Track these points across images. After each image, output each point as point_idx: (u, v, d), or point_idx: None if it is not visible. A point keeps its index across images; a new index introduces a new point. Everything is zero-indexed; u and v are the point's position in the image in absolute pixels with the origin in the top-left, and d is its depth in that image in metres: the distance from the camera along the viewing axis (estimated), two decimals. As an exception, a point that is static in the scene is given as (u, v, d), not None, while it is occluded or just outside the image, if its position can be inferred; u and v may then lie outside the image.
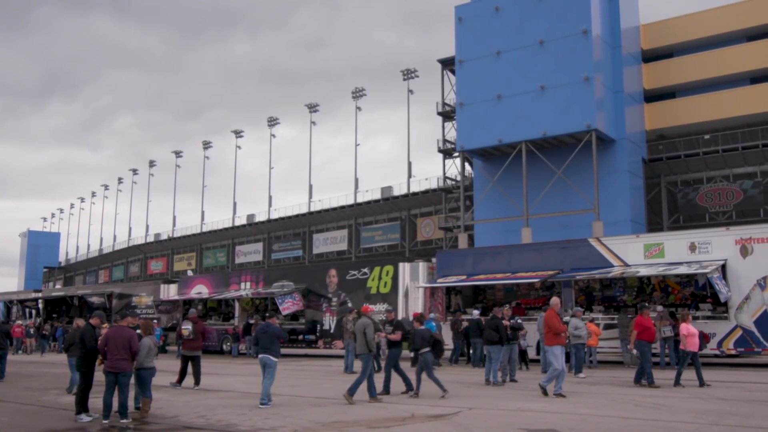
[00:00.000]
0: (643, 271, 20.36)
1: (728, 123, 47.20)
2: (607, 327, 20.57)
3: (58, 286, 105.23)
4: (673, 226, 47.29)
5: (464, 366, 21.75)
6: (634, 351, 15.04)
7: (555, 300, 14.02)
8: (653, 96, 50.24)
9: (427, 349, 13.44)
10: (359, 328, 13.14)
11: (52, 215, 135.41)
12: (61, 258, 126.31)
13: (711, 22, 48.45)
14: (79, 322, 16.33)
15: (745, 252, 19.02)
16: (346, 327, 20.56)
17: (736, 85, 47.51)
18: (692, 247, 19.97)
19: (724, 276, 19.02)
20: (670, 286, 21.86)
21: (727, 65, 47.35)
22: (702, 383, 14.12)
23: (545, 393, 12.76)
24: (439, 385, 12.97)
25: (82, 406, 11.04)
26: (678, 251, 20.23)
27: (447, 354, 22.88)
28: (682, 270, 19.64)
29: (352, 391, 12.29)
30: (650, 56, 50.44)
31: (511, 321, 17.24)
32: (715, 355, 19.95)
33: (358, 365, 19.98)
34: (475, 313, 21.73)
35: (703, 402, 11.80)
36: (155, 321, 28.22)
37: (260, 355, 12.37)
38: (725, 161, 46.62)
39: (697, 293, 21.08)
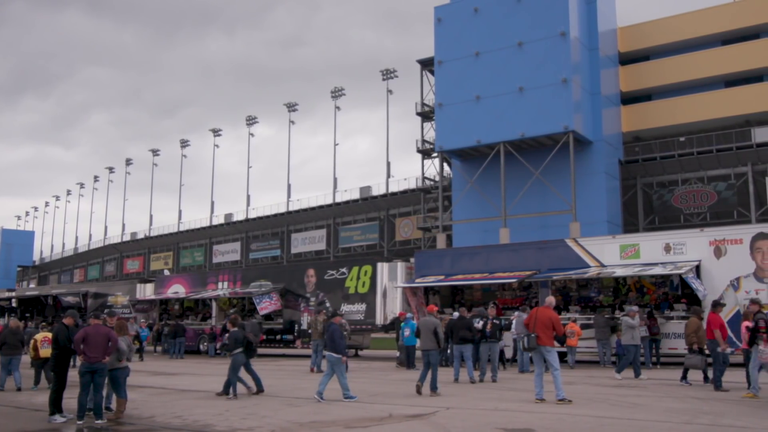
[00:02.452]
0: (619, 272, 20.54)
1: (703, 125, 47.83)
2: (583, 327, 20.72)
3: (32, 285, 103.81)
4: (649, 227, 47.82)
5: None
6: (729, 349, 13.64)
7: (552, 299, 12.96)
8: (629, 98, 50.79)
9: (239, 350, 13.77)
10: (429, 326, 14.15)
11: (27, 213, 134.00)
12: (36, 257, 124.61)
13: (687, 26, 49.06)
14: (12, 322, 16.49)
15: (718, 253, 19.28)
16: (315, 328, 20.63)
17: (710, 89, 48.16)
18: (667, 248, 20.19)
19: (698, 276, 19.27)
20: (645, 287, 22.09)
21: (702, 68, 47.98)
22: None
23: (566, 401, 11.64)
24: (242, 384, 13.57)
25: (56, 406, 10.91)
26: (653, 252, 20.44)
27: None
28: (657, 270, 19.85)
29: (433, 386, 13.43)
30: (627, 59, 50.95)
31: (494, 320, 17.28)
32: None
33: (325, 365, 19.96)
34: (456, 314, 21.75)
35: (677, 401, 11.94)
36: (142, 320, 27.96)
37: (326, 352, 13.31)
38: (700, 163, 47.23)
39: (670, 293, 21.31)
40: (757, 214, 44.73)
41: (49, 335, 15.74)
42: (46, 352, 15.38)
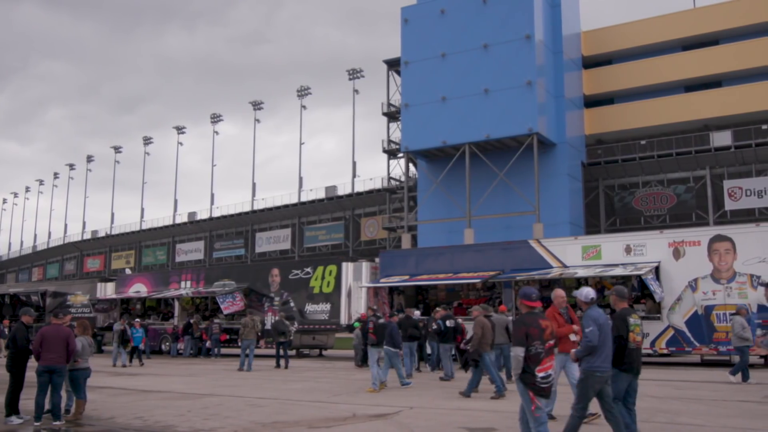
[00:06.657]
0: (581, 273, 20.83)
1: (663, 129, 48.76)
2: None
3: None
4: (610, 228, 48.56)
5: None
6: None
7: (558, 292, 10.35)
8: (592, 101, 51.52)
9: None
10: (501, 323, 15.30)
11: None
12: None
13: (648, 31, 49.97)
14: None
15: (677, 255, 19.67)
16: (252, 328, 20.82)
17: (671, 93, 49.13)
18: (628, 250, 20.55)
19: (657, 277, 19.64)
20: (606, 287, 22.40)
21: (663, 73, 48.90)
22: None
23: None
24: None
25: (12, 408, 10.67)
26: (614, 253, 20.78)
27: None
28: (618, 271, 20.17)
29: (508, 375, 14.67)
30: (590, 63, 51.69)
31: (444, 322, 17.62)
32: (648, 354, 20.54)
33: (258, 363, 19.93)
34: (417, 313, 21.83)
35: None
36: (137, 320, 27.51)
37: (385, 347, 14.72)
38: (660, 166, 48.12)
39: (632, 294, 21.66)
40: (714, 217, 45.72)
41: None
42: None
